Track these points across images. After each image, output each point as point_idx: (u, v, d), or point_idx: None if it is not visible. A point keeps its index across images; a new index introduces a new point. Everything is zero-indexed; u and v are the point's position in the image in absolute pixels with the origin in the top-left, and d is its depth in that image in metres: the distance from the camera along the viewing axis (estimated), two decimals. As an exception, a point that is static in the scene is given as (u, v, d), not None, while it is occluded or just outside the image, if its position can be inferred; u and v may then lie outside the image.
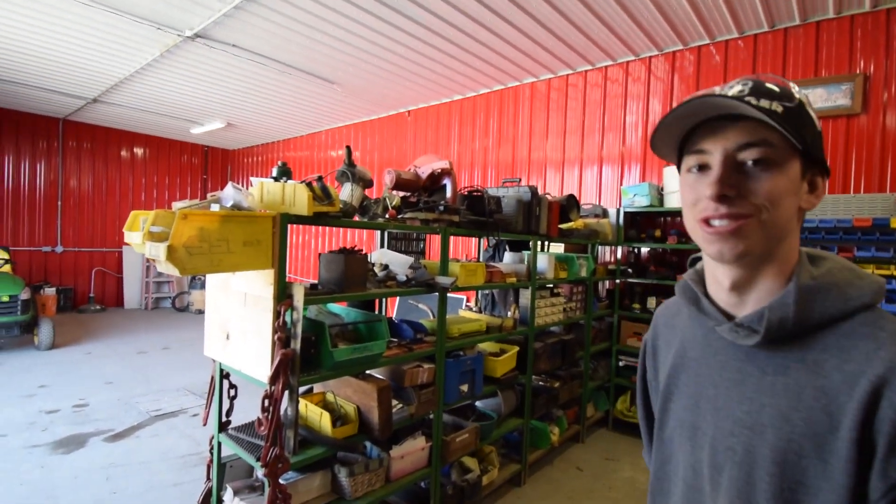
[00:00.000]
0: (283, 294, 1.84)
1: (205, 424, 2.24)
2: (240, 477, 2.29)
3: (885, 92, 3.73)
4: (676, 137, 0.71)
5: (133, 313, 9.23)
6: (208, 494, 2.22)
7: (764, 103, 0.62)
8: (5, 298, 5.79)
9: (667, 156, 0.75)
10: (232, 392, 2.20)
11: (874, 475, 0.54)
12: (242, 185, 1.94)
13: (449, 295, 5.22)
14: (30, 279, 8.23)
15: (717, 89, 0.67)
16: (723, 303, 0.71)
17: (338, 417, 2.19)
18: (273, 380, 1.74)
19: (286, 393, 1.80)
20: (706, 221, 0.65)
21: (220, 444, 2.19)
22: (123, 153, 9.94)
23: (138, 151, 10.13)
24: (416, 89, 6.40)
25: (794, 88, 0.66)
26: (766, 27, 4.21)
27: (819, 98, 3.97)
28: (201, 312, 9.34)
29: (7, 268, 6.38)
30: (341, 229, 8.29)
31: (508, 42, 4.82)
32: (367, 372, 2.35)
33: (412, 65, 5.52)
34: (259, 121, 8.45)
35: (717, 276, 0.70)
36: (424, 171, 2.76)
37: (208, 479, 2.23)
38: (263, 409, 1.75)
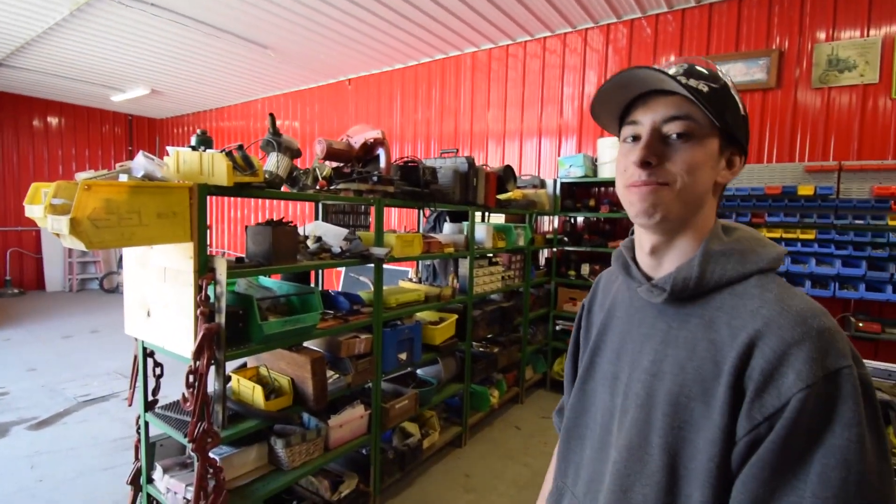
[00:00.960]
0: (204, 267, 1.78)
1: (130, 405, 2.17)
2: (171, 455, 2.25)
3: (798, 68, 3.99)
4: (617, 109, 0.77)
5: (56, 296, 8.62)
6: (137, 474, 2.17)
7: (692, 82, 0.67)
8: None
9: (608, 126, 0.81)
10: (157, 370, 2.13)
11: (741, 416, 0.61)
12: (153, 155, 1.84)
13: (391, 267, 5.22)
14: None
15: (655, 66, 0.72)
16: (645, 266, 0.78)
17: (272, 391, 2.18)
18: (197, 355, 1.70)
19: (212, 368, 1.76)
20: (633, 186, 0.71)
21: (147, 424, 2.14)
22: (36, 123, 9.07)
23: (52, 121, 9.27)
24: (356, 56, 6.19)
25: (721, 73, 0.72)
26: (693, 2, 4.36)
27: (739, 72, 4.19)
28: (134, 293, 8.85)
29: None
30: (278, 203, 8.02)
31: (449, 11, 4.74)
32: (304, 344, 2.34)
33: (351, 31, 5.33)
34: (188, 87, 7.92)
35: (641, 242, 0.77)
36: (357, 141, 2.71)
37: (137, 459, 2.17)
38: (188, 385, 1.72)
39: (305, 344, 2.36)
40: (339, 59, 6.35)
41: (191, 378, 1.72)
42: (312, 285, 2.66)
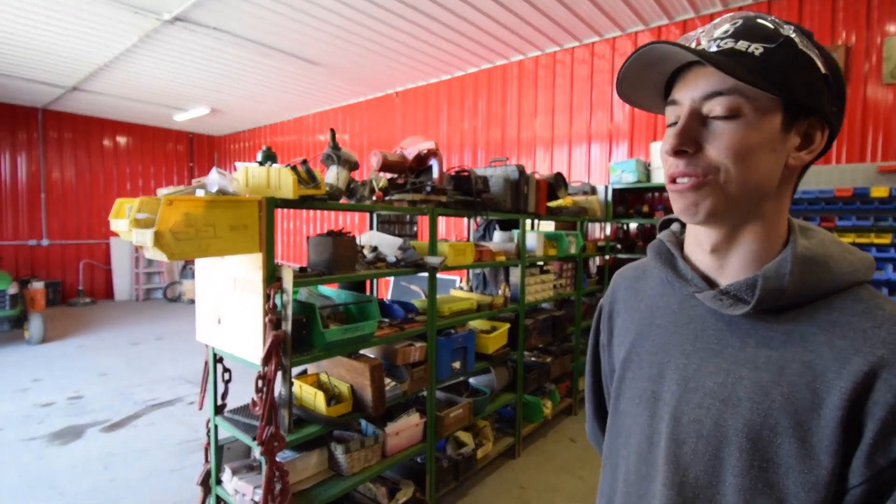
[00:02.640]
0: (272, 277, 1.85)
1: (200, 409, 2.27)
2: (237, 458, 2.33)
3: (867, 62, 3.76)
4: (656, 86, 0.65)
5: (124, 305, 9.19)
6: (207, 476, 2.25)
7: (740, 45, 0.55)
8: (-7, 293, 5.74)
9: (651, 107, 0.69)
10: (226, 376, 2.22)
11: (857, 459, 0.51)
12: (228, 171, 1.93)
13: (441, 276, 5.24)
14: (17, 274, 8.16)
15: (693, 33, 0.61)
16: (703, 266, 0.66)
17: (332, 397, 2.22)
18: (266, 361, 1.76)
19: (279, 373, 1.82)
20: (672, 179, 0.60)
21: (216, 427, 2.22)
22: (106, 142, 9.76)
23: (121, 140, 9.96)
24: (402, 69, 6.32)
25: (785, 25, 0.58)
26: (750, 0, 4.19)
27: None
28: (193, 302, 9.25)
29: (-7, 262, 6.30)
30: (331, 214, 8.26)
31: (494, 19, 4.77)
32: (360, 352, 2.38)
33: (397, 44, 5.45)
34: (244, 105, 8.33)
35: (699, 238, 0.65)
36: (411, 153, 2.76)
37: (206, 461, 2.26)
38: (258, 390, 1.78)
39: (362, 351, 2.40)
40: (386, 73, 6.50)
41: (260, 383, 1.78)
42: (368, 294, 2.71)
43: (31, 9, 4.65)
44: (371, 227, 3.03)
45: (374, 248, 2.56)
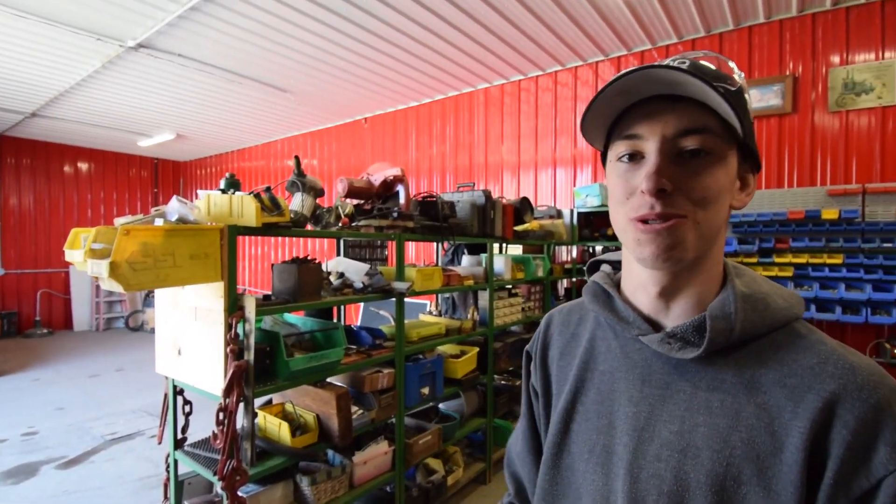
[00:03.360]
0: (234, 306, 1.83)
1: (160, 443, 2.19)
2: (199, 493, 2.25)
3: (813, 92, 4.01)
4: (607, 119, 0.61)
5: (83, 335, 8.80)
6: (165, 514, 2.17)
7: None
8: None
9: (593, 139, 0.65)
10: (187, 408, 2.16)
11: (820, 500, 0.49)
12: (189, 199, 1.92)
13: (410, 300, 5.23)
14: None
15: (669, 64, 0.57)
16: (646, 309, 0.63)
17: (297, 427, 2.18)
18: (227, 392, 1.73)
19: (241, 405, 1.79)
20: (642, 220, 0.56)
21: (176, 462, 2.15)
22: (67, 168, 9.49)
23: (83, 166, 9.69)
24: (371, 96, 6.41)
25: (733, 67, 0.59)
26: (702, 32, 4.45)
27: (754, 99, 4.22)
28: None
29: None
30: (300, 241, 8.18)
31: (460, 49, 4.91)
32: (328, 380, 2.36)
33: (365, 72, 5.54)
34: (210, 131, 8.25)
35: (643, 281, 0.62)
36: (377, 179, 2.79)
37: (165, 498, 2.18)
38: (218, 423, 1.74)
39: (330, 379, 2.38)
40: (354, 100, 6.58)
41: (220, 416, 1.74)
42: (335, 321, 2.70)
43: (-11, 34, 4.56)
44: (339, 254, 3.03)
45: (341, 275, 2.56)
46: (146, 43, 4.73)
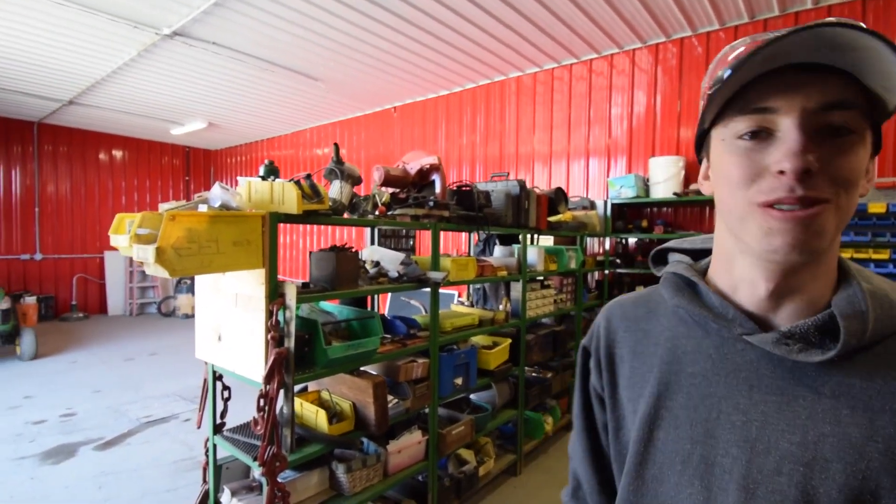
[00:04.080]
0: (274, 293, 1.82)
1: (199, 427, 2.22)
2: (236, 478, 2.27)
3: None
4: (728, 91, 0.53)
5: (118, 320, 9.07)
6: (205, 497, 2.20)
7: None
8: (-16, 308, 5.66)
9: (707, 115, 0.57)
10: (225, 394, 2.18)
11: None
12: (229, 186, 1.92)
13: (441, 290, 5.22)
14: (9, 288, 8.05)
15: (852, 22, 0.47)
16: (750, 306, 0.58)
17: (334, 415, 2.18)
18: (268, 379, 1.73)
19: (281, 392, 1.79)
20: (773, 206, 0.50)
21: (214, 447, 2.17)
22: (102, 156, 9.73)
23: (117, 154, 9.93)
24: (401, 84, 6.37)
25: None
26: (746, 18, 4.27)
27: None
28: (188, 317, 9.22)
29: (-14, 276, 6.22)
30: (330, 228, 8.23)
31: (493, 36, 4.82)
32: (362, 369, 2.35)
33: (397, 59, 5.49)
34: (241, 120, 8.34)
35: (750, 275, 0.56)
36: (413, 167, 2.75)
37: (204, 481, 2.21)
38: (259, 409, 1.74)
39: (364, 368, 2.37)
40: (385, 88, 6.54)
41: (261, 402, 1.74)
42: (369, 309, 2.69)
43: (29, 23, 4.66)
44: (373, 242, 3.01)
45: (377, 263, 2.54)
46: (181, 31, 4.77)
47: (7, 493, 3.03)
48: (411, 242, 3.29)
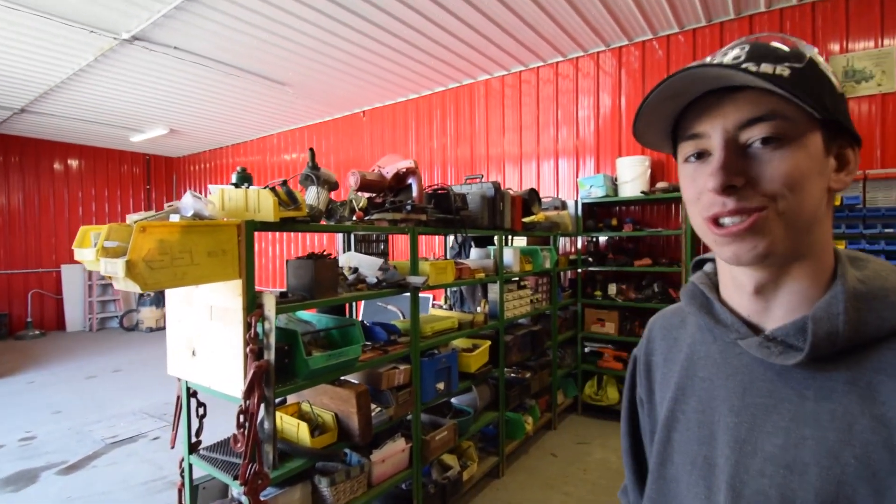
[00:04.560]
0: (252, 304, 1.77)
1: (173, 447, 2.13)
2: (213, 498, 2.19)
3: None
4: (667, 121, 0.59)
5: (77, 336, 8.65)
6: (182, 519, 2.11)
7: (766, 68, 0.51)
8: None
9: (656, 144, 0.64)
10: (200, 411, 2.10)
11: None
12: (199, 194, 1.85)
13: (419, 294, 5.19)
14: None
15: (708, 59, 0.56)
16: (744, 310, 0.60)
17: (315, 427, 2.13)
18: (248, 394, 1.67)
19: (262, 406, 1.73)
20: (714, 220, 0.54)
21: (190, 466, 2.09)
22: (57, 166, 9.28)
23: (73, 163, 9.49)
24: (370, 88, 6.32)
25: (802, 45, 0.55)
26: (703, 21, 4.42)
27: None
28: (152, 330, 8.89)
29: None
30: (300, 235, 8.08)
31: (460, 39, 4.83)
32: (343, 378, 2.31)
33: (365, 63, 5.45)
34: (205, 125, 8.09)
35: (737, 279, 0.59)
36: (389, 171, 2.73)
37: (180, 503, 2.12)
38: (239, 425, 1.69)
39: (344, 377, 2.33)
40: (353, 92, 6.48)
41: (241, 418, 1.69)
42: (347, 317, 2.65)
43: (-25, 27, 4.41)
44: (348, 248, 2.97)
45: (355, 270, 2.50)
46: (141, 35, 4.60)
47: (-38, 526, 2.85)
48: (383, 247, 3.27)
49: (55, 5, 4.02)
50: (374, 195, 2.71)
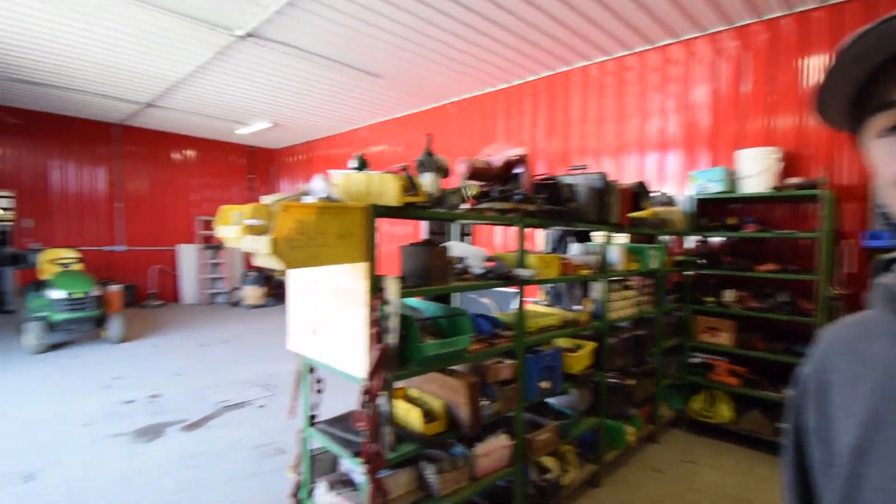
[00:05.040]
0: (376, 287, 1.79)
1: (293, 418, 2.23)
2: (325, 470, 2.28)
3: None
4: (852, 89, 0.50)
5: (190, 308, 9.57)
6: (298, 488, 2.21)
7: None
8: (81, 295, 6.08)
9: (837, 119, 0.55)
10: (318, 386, 2.18)
11: None
12: (304, 182, 1.90)
13: (508, 289, 5.11)
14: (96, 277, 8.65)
15: None
16: None
17: (426, 414, 2.14)
18: (372, 375, 1.70)
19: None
20: None
21: (306, 439, 2.18)
22: (174, 156, 10.29)
23: (188, 154, 10.48)
24: (460, 78, 6.29)
25: None
26: (851, -5, 3.88)
27: None
28: (253, 307, 9.59)
29: (79, 266, 6.68)
30: (396, 222, 8.27)
31: (561, 22, 4.61)
32: (449, 368, 2.29)
33: (457, 52, 5.41)
34: (303, 119, 8.54)
35: None
36: (497, 160, 2.67)
37: (298, 472, 2.22)
38: (362, 405, 1.71)
39: (450, 367, 2.31)
40: (443, 83, 6.50)
41: (365, 398, 1.71)
42: (454, 306, 2.63)
43: (114, 29, 4.92)
44: (460, 237, 2.95)
45: (461, 259, 2.48)
46: (254, 32, 4.90)
47: (106, 468, 3.20)
48: (469, 239, 3.24)
49: (179, 4, 4.36)
50: (483, 184, 2.65)
